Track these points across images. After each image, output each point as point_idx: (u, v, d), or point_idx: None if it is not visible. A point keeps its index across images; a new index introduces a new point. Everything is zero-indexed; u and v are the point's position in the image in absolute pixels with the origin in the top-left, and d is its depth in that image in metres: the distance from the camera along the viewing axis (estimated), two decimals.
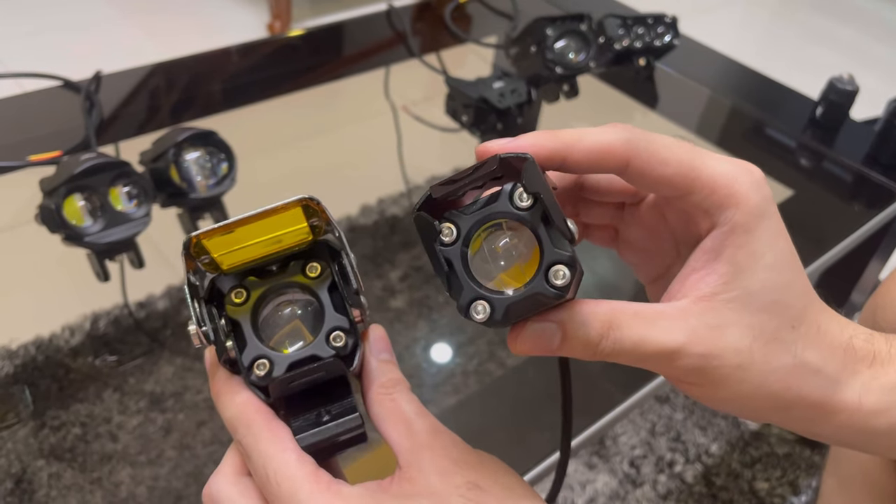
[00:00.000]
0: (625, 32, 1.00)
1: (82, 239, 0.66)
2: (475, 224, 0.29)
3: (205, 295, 0.33)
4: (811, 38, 2.40)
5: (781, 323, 0.30)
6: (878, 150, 0.99)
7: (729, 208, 0.30)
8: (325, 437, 0.32)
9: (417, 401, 0.33)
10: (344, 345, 0.33)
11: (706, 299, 0.30)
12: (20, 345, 1.01)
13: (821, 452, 1.12)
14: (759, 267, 0.30)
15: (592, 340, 0.30)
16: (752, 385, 0.30)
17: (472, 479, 0.31)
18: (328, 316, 0.33)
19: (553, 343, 0.30)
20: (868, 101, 1.19)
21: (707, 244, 0.31)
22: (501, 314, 0.28)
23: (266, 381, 0.32)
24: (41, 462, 0.89)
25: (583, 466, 1.08)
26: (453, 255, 0.29)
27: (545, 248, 0.28)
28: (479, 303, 0.28)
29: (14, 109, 0.90)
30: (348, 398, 0.33)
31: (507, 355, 1.03)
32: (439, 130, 1.07)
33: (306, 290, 0.34)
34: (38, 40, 1.94)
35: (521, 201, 0.28)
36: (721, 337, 0.30)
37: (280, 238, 0.33)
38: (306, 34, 1.16)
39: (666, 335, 0.30)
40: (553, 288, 0.28)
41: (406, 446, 0.32)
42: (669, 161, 0.30)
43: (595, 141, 0.30)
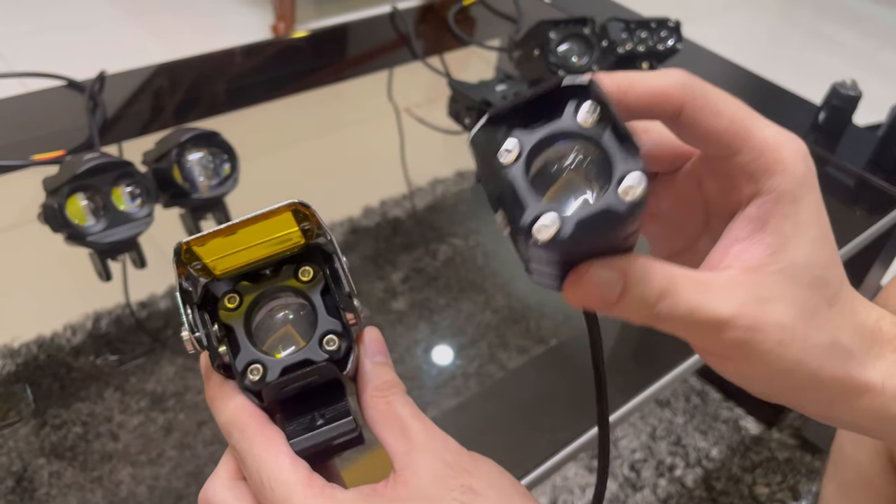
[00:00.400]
0: (628, 36, 1.00)
1: (85, 238, 0.66)
2: (540, 141, 0.27)
3: (198, 300, 0.34)
4: (815, 43, 2.40)
5: (821, 300, 0.30)
6: (880, 155, 0.99)
7: (775, 175, 0.29)
8: (318, 441, 0.32)
9: (412, 403, 0.33)
10: (337, 348, 0.33)
11: (753, 271, 0.29)
12: (22, 343, 1.01)
13: (821, 458, 1.12)
14: (804, 239, 0.29)
15: (650, 299, 0.28)
16: (789, 362, 0.30)
17: (467, 483, 0.31)
18: (321, 319, 0.33)
19: (612, 295, 0.28)
20: (871, 107, 1.19)
21: (751, 212, 0.30)
22: (570, 231, 0.25)
23: (260, 385, 0.32)
24: (42, 460, 0.89)
25: (583, 470, 1.08)
26: (515, 172, 0.26)
27: (616, 160, 0.26)
28: (546, 218, 0.25)
29: (18, 109, 0.90)
30: (342, 401, 0.33)
31: (508, 357, 1.03)
32: (442, 133, 1.07)
33: (299, 293, 0.34)
34: (43, 40, 1.95)
35: (586, 115, 0.26)
36: (768, 311, 0.29)
37: (272, 243, 0.33)
38: (310, 35, 1.16)
39: (719, 305, 0.28)
40: (627, 202, 0.25)
41: (401, 449, 0.32)
42: (723, 114, 0.29)
43: (651, 84, 0.29)
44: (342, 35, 1.17)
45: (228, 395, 0.33)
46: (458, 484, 0.30)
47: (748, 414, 1.18)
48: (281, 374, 0.32)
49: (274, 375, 0.32)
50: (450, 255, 1.13)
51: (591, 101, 0.26)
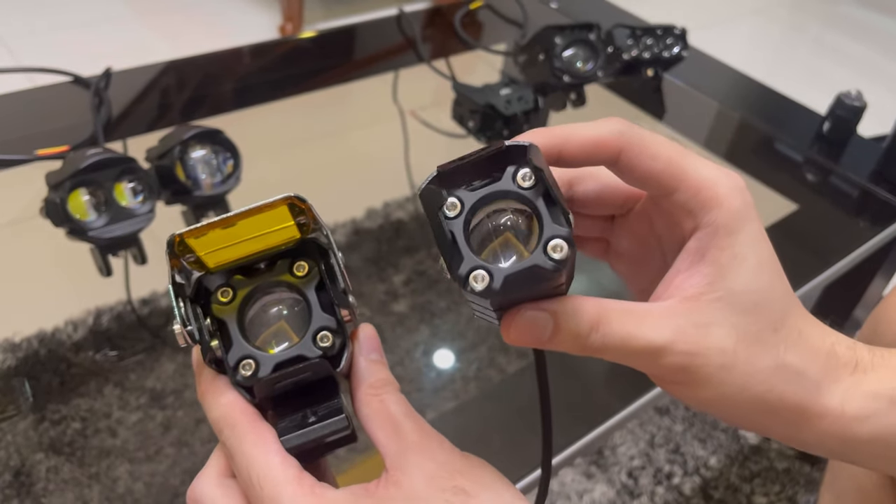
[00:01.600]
0: (633, 43, 1.00)
1: (86, 233, 0.66)
2: (479, 200, 0.30)
3: (191, 294, 0.33)
4: (821, 54, 2.40)
5: (764, 325, 0.31)
6: (884, 166, 0.99)
7: (712, 209, 0.31)
8: (310, 438, 0.32)
9: (406, 402, 0.33)
10: (331, 345, 0.32)
11: (692, 299, 0.30)
12: (23, 338, 1.01)
13: (820, 469, 1.12)
14: (742, 269, 0.30)
15: (582, 332, 0.30)
16: (735, 386, 0.30)
17: (460, 484, 0.30)
18: (315, 315, 0.33)
19: (545, 333, 0.30)
20: (876, 118, 1.19)
21: (691, 245, 0.31)
22: (500, 283, 0.28)
23: (251, 381, 0.32)
24: (40, 455, 0.89)
25: (580, 476, 1.08)
26: (455, 227, 0.30)
27: (545, 224, 0.29)
28: (479, 272, 0.29)
29: (24, 104, 0.90)
30: (335, 399, 0.33)
31: (507, 361, 1.03)
32: (446, 136, 1.07)
33: (293, 289, 0.34)
34: (50, 36, 1.95)
35: (523, 180, 0.29)
36: (706, 336, 0.30)
37: (267, 237, 0.33)
38: (317, 37, 1.17)
39: (653, 332, 0.30)
40: (551, 261, 0.28)
41: (393, 448, 0.31)
42: (659, 156, 0.31)
43: (588, 134, 0.32)
44: (349, 37, 1.18)
45: (220, 391, 0.33)
46: (451, 485, 0.30)
47: None
48: (273, 369, 0.32)
49: (266, 371, 0.32)
50: None
51: (527, 169, 0.30)
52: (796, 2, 2.72)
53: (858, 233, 0.92)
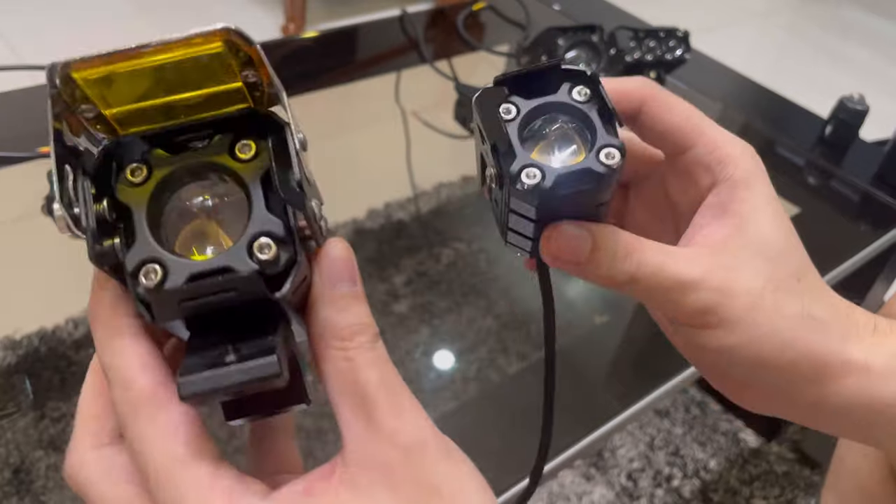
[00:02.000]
0: (636, 45, 1.00)
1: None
2: (535, 108, 0.30)
3: (92, 167, 0.25)
4: (824, 58, 2.40)
5: (789, 273, 0.31)
6: (886, 170, 0.99)
7: (728, 164, 0.32)
8: (218, 385, 0.22)
9: (385, 360, 0.25)
10: (273, 258, 0.23)
11: (719, 246, 0.31)
12: (24, 335, 1.01)
13: (820, 472, 1.12)
14: (763, 220, 0.31)
15: (619, 256, 0.30)
16: (763, 330, 0.30)
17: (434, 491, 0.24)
18: (256, 215, 0.24)
19: (584, 250, 0.30)
20: (878, 122, 1.19)
21: (711, 200, 0.32)
22: (551, 181, 0.28)
23: (155, 294, 0.23)
24: (40, 453, 0.89)
25: (580, 478, 1.08)
26: (511, 128, 0.29)
27: (598, 133, 0.29)
28: (532, 169, 0.28)
29: (26, 101, 0.90)
30: (273, 336, 0.24)
31: (507, 363, 1.03)
32: (448, 137, 1.07)
33: (233, 176, 0.25)
34: (54, 34, 1.96)
35: (579, 95, 0.30)
36: (736, 277, 0.30)
37: (204, 99, 0.25)
38: (319, 37, 1.17)
39: (685, 266, 0.30)
40: (604, 166, 0.28)
41: (356, 430, 0.24)
42: (678, 111, 0.33)
43: (615, 83, 0.33)
44: (351, 37, 1.18)
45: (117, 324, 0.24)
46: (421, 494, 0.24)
47: (747, 426, 1.18)
48: (187, 281, 0.23)
49: (177, 282, 0.23)
50: (453, 259, 1.13)
51: (582, 85, 0.30)
52: (799, 5, 2.72)
53: (860, 237, 0.92)
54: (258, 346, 0.23)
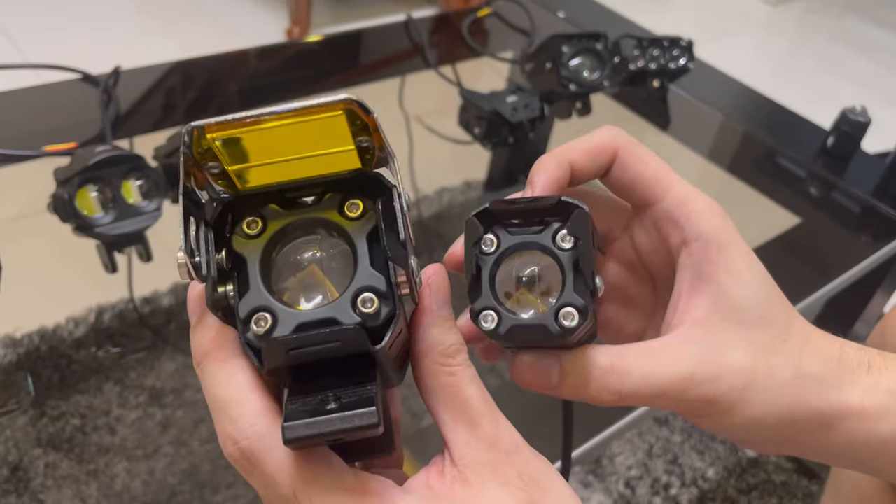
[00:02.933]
0: (640, 53, 1.01)
1: (93, 229, 0.66)
2: (515, 245, 0.30)
3: (212, 218, 0.26)
4: (827, 69, 2.41)
5: (774, 337, 0.31)
6: (888, 182, 0.99)
7: (697, 221, 0.32)
8: (320, 431, 0.24)
9: (478, 378, 0.29)
10: (375, 312, 0.25)
11: (703, 323, 0.31)
12: (24, 333, 1.01)
13: (818, 482, 1.12)
14: (740, 284, 0.31)
15: (594, 377, 0.30)
16: (762, 404, 0.30)
17: (535, 500, 0.27)
18: (361, 271, 0.25)
19: (551, 377, 0.30)
20: (880, 134, 1.19)
21: (685, 262, 0.32)
22: (505, 330, 0.29)
23: (264, 341, 0.25)
24: (38, 451, 0.89)
25: (578, 485, 1.08)
26: (485, 264, 0.30)
27: (566, 289, 0.29)
28: (490, 313, 0.29)
29: (33, 100, 0.91)
30: (368, 385, 0.25)
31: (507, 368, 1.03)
32: (451, 142, 1.07)
33: (341, 233, 0.26)
34: (60, 33, 1.96)
35: (562, 242, 0.30)
36: (725, 360, 0.30)
37: (318, 160, 0.26)
38: (324, 40, 1.17)
39: (673, 366, 0.30)
40: (559, 326, 0.28)
41: (462, 437, 0.27)
42: (647, 162, 0.33)
43: (589, 140, 0.33)
44: (356, 41, 1.18)
45: (226, 360, 0.26)
46: (525, 499, 0.27)
47: None
48: (294, 330, 0.25)
49: (285, 330, 0.25)
50: None
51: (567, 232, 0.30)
52: (803, 16, 2.73)
53: (861, 247, 0.92)
54: (358, 395, 0.24)
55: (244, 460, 0.26)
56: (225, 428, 0.26)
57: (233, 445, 0.26)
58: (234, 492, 0.89)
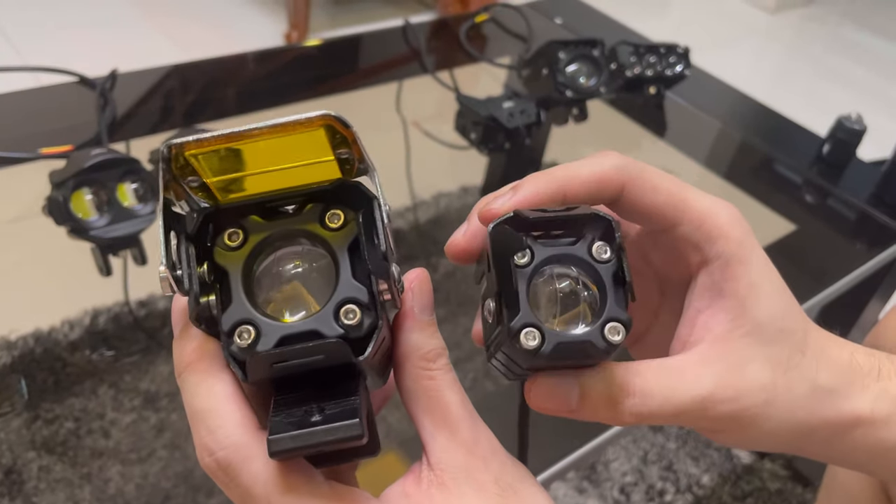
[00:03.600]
0: (637, 60, 1.01)
1: (88, 232, 0.66)
2: (550, 258, 0.29)
3: (192, 229, 0.26)
4: (822, 76, 2.41)
5: (793, 351, 0.31)
6: (883, 190, 0.99)
7: (717, 240, 0.30)
8: (307, 442, 0.24)
9: (458, 383, 0.29)
10: (357, 323, 0.25)
11: (722, 340, 0.30)
12: (19, 336, 1.01)
13: (812, 490, 1.12)
14: (761, 298, 0.30)
15: (615, 398, 0.29)
16: (780, 419, 0.30)
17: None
18: (343, 282, 0.26)
19: (570, 400, 0.29)
20: (876, 142, 1.20)
21: (704, 281, 0.31)
22: (550, 348, 0.27)
23: (247, 354, 0.25)
24: (32, 454, 0.89)
25: (573, 491, 1.08)
26: (521, 277, 0.28)
27: (608, 303, 0.28)
28: (533, 331, 0.27)
29: (29, 102, 0.91)
30: (351, 396, 0.25)
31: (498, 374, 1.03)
32: (448, 147, 1.07)
33: (322, 244, 0.27)
34: (58, 36, 1.96)
35: (599, 253, 0.29)
36: (745, 376, 0.30)
37: (298, 171, 0.26)
38: (322, 45, 1.17)
39: (694, 384, 0.29)
40: (605, 342, 0.27)
41: (441, 441, 0.28)
42: (660, 189, 0.31)
43: (591, 172, 0.31)
44: (354, 46, 1.18)
45: (206, 371, 0.27)
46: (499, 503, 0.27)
47: None
48: (277, 343, 0.25)
49: (268, 344, 0.25)
50: (450, 269, 1.14)
51: (604, 243, 0.29)
52: (800, 24, 2.74)
53: (856, 255, 0.92)
54: (341, 406, 0.25)
55: (220, 471, 0.26)
56: (202, 439, 0.26)
57: (209, 456, 0.26)
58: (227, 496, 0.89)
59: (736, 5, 2.78)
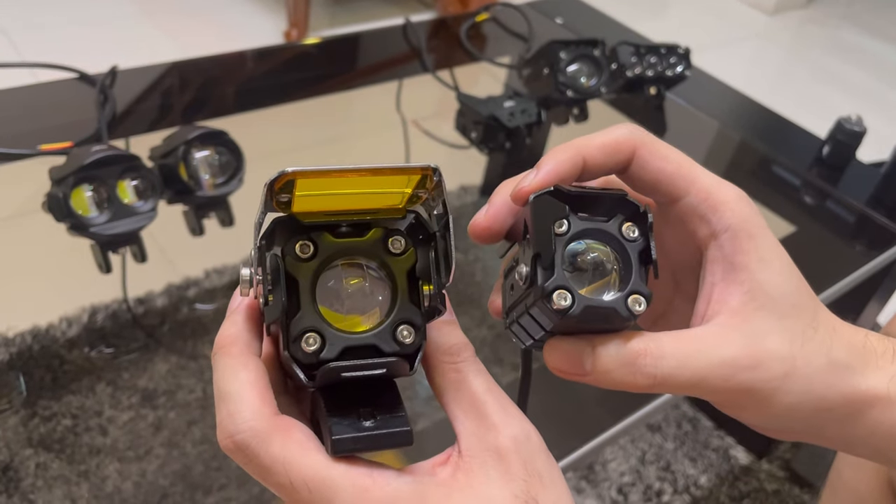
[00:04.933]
0: (637, 60, 1.01)
1: (87, 229, 0.66)
2: (585, 231, 0.31)
3: (263, 234, 0.28)
4: (822, 78, 2.42)
5: (806, 324, 0.31)
6: (882, 192, 0.99)
7: (725, 213, 0.31)
8: (364, 446, 0.28)
9: (486, 372, 0.31)
10: (411, 342, 0.28)
11: (738, 312, 0.30)
12: (17, 333, 1.01)
13: (810, 492, 1.12)
14: (773, 273, 0.31)
15: (628, 360, 0.30)
16: (798, 393, 0.30)
17: (534, 493, 0.28)
18: (401, 304, 0.29)
19: (584, 363, 0.30)
20: (876, 144, 1.20)
21: (714, 254, 0.32)
22: (580, 310, 0.29)
23: (312, 359, 0.27)
24: (29, 451, 0.89)
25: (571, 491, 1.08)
26: (559, 243, 0.30)
27: (634, 277, 0.30)
28: (565, 293, 0.29)
29: (29, 99, 0.90)
30: (400, 405, 0.29)
31: (501, 373, 1.03)
32: (448, 146, 1.07)
33: (383, 266, 0.29)
34: (58, 33, 1.96)
35: (629, 233, 0.31)
36: (764, 349, 0.30)
37: (370, 196, 0.28)
38: (322, 43, 1.17)
39: (716, 350, 0.30)
40: (628, 311, 0.29)
41: (470, 428, 0.29)
42: (670, 159, 0.32)
43: (605, 136, 0.32)
44: (354, 44, 1.18)
45: (236, 356, 0.29)
46: (523, 490, 0.28)
47: (738, 443, 1.18)
48: (341, 353, 0.28)
49: (333, 353, 0.27)
50: None
51: (635, 223, 0.31)
52: (800, 26, 2.74)
53: (855, 257, 0.92)
54: (392, 413, 0.28)
55: (239, 452, 0.28)
56: (223, 420, 0.28)
57: (227, 438, 0.28)
58: (226, 494, 0.88)
59: (735, 7, 2.78)
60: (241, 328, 0.30)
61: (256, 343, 0.30)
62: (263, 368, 0.29)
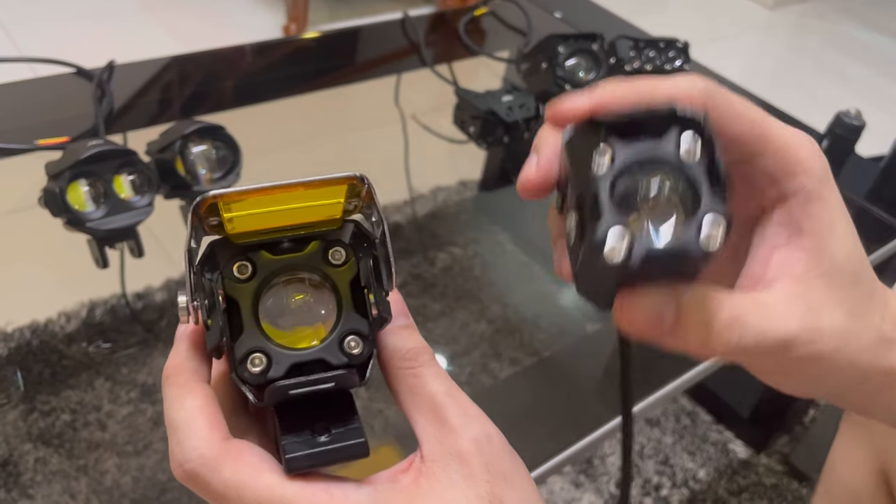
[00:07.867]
0: (636, 55, 1.01)
1: (84, 224, 0.66)
2: (633, 160, 0.25)
3: (198, 259, 0.28)
4: (822, 72, 2.41)
5: (863, 296, 0.30)
6: (882, 186, 0.99)
7: (798, 175, 0.29)
8: (318, 462, 0.27)
9: (445, 374, 0.30)
10: (360, 352, 0.28)
11: (801, 280, 0.29)
12: (15, 328, 1.01)
13: (808, 485, 1.12)
14: (839, 238, 0.29)
15: (710, 323, 0.27)
16: (844, 366, 0.29)
17: (498, 494, 0.27)
18: (346, 315, 0.28)
19: (665, 321, 0.27)
20: (875, 138, 1.20)
21: (781, 217, 0.30)
22: (640, 258, 0.24)
23: (260, 379, 0.27)
24: (28, 446, 0.89)
25: (569, 485, 1.08)
26: (603, 183, 0.25)
27: (704, 200, 0.24)
28: (622, 237, 0.24)
29: (26, 94, 0.90)
30: (354, 417, 0.28)
31: (500, 368, 1.03)
32: (446, 141, 1.07)
33: (325, 278, 0.29)
34: (55, 27, 1.95)
35: (689, 151, 0.25)
36: (823, 320, 0.28)
37: (304, 210, 0.28)
38: (320, 37, 1.17)
39: (784, 324, 0.28)
40: (702, 249, 0.24)
41: (431, 433, 0.28)
42: (744, 116, 0.29)
43: (674, 87, 0.28)
44: (352, 39, 1.18)
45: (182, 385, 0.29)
46: (488, 491, 0.27)
47: (737, 437, 1.18)
48: (288, 371, 0.27)
49: (279, 372, 0.27)
50: (448, 263, 1.13)
51: (695, 135, 0.25)
52: (799, 20, 2.74)
53: None
54: (347, 427, 0.28)
55: (191, 481, 0.27)
56: (173, 449, 0.28)
57: (178, 467, 0.28)
58: None
59: (734, 1, 2.78)
60: (185, 357, 0.29)
61: (204, 369, 0.30)
62: (212, 394, 0.29)
